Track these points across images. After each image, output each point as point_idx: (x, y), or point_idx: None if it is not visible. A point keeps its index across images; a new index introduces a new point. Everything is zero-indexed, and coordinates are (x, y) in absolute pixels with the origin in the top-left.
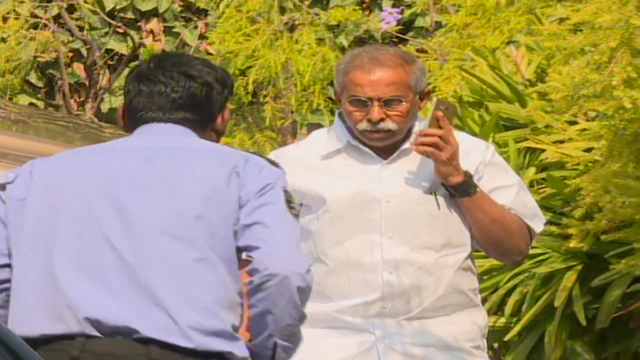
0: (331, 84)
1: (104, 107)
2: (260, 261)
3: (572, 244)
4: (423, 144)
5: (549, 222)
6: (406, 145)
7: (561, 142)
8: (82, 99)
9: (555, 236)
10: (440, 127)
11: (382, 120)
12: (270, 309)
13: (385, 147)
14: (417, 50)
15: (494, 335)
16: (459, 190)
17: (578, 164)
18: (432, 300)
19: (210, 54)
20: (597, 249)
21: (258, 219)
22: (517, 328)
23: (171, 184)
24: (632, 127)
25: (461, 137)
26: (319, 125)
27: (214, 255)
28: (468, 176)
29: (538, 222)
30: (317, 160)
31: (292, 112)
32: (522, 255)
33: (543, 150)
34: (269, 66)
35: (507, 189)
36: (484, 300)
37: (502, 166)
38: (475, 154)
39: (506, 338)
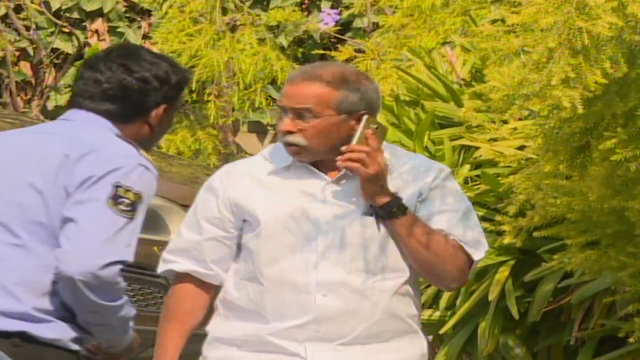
0: (272, 82)
1: (50, 105)
2: (58, 260)
3: (506, 239)
4: (350, 159)
5: (482, 219)
6: None
7: (495, 140)
8: (28, 96)
9: (489, 232)
10: (368, 145)
11: (289, 133)
12: (68, 300)
13: (331, 164)
14: (355, 51)
15: (429, 328)
16: (385, 212)
17: (511, 162)
18: (367, 326)
19: None
20: (529, 244)
21: (72, 215)
22: (451, 321)
23: (10, 170)
24: (567, 127)
25: (415, 159)
26: (259, 124)
27: (34, 241)
28: (395, 198)
29: (479, 250)
30: (264, 175)
31: (233, 110)
32: (457, 282)
33: (477, 148)
34: (212, 65)
35: (449, 213)
36: (419, 293)
37: (451, 191)
38: (424, 176)
39: (441, 331)
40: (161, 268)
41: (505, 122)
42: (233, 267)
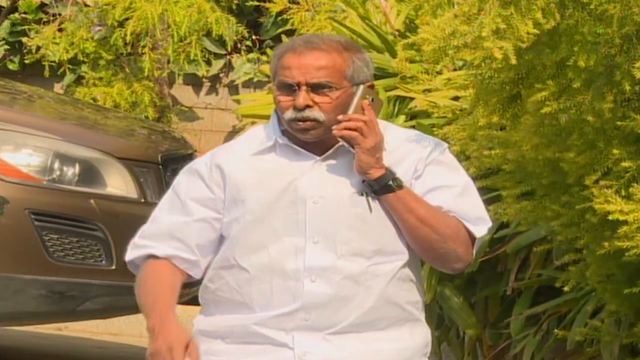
0: (207, 34)
1: None
2: None
3: None
4: (347, 128)
5: None
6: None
7: (429, 90)
8: None
9: None
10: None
11: (307, 107)
12: None
13: (320, 144)
14: (290, 2)
15: None
16: (380, 186)
17: (445, 113)
18: (360, 313)
19: (88, 5)
20: None
21: None
22: None
23: None
24: (499, 77)
25: (409, 134)
26: (194, 76)
27: None
28: (390, 171)
29: (481, 226)
30: (247, 155)
31: (168, 62)
32: (462, 262)
33: (412, 99)
34: (146, 17)
35: (447, 189)
36: (421, 278)
37: (449, 165)
38: (419, 150)
39: None
40: (133, 255)
41: (439, 72)
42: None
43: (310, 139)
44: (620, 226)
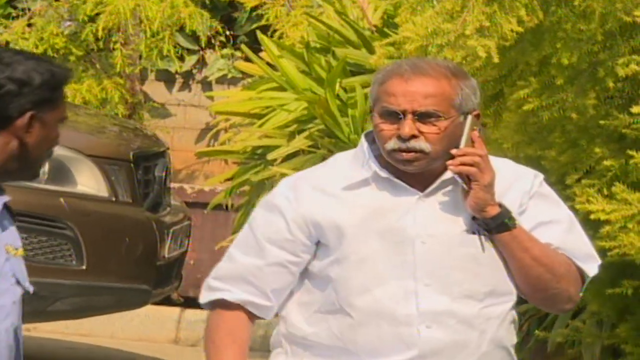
0: (180, 30)
1: None
2: None
3: None
4: (463, 164)
5: None
6: (447, 175)
7: None
8: None
9: None
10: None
11: (413, 137)
12: None
13: (419, 176)
14: None
15: None
16: (496, 224)
17: None
18: (474, 359)
19: (58, 0)
20: None
21: None
22: None
23: None
24: (481, 76)
25: (505, 165)
26: (167, 72)
27: None
28: (505, 208)
29: (592, 264)
30: (339, 190)
31: (140, 58)
32: (571, 302)
33: None
34: (118, 12)
35: (555, 224)
36: None
37: (551, 198)
38: (520, 183)
39: None
40: (207, 297)
41: None
42: (297, 298)
43: (413, 170)
44: (603, 226)
